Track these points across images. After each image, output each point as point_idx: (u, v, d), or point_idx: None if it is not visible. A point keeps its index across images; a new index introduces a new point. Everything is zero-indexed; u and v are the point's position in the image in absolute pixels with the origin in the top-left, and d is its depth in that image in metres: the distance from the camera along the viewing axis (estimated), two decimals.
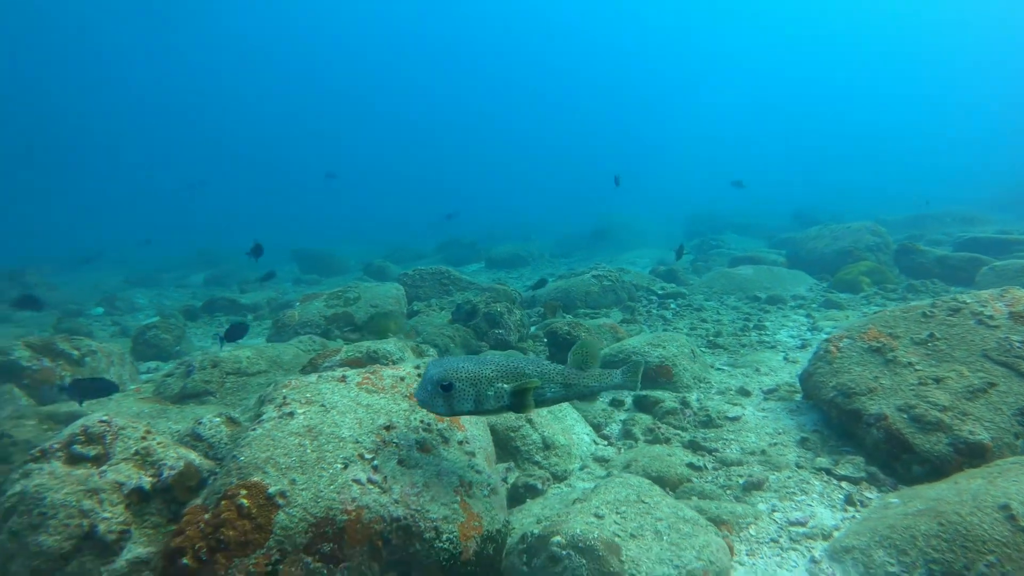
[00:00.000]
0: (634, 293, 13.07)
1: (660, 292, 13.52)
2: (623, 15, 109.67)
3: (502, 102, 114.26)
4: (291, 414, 3.97)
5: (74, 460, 4.23)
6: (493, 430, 5.29)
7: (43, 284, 19.78)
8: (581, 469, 5.54)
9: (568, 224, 33.67)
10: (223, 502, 3.45)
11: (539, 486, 5.10)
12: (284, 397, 4.15)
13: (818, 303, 11.90)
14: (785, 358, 8.43)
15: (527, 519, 4.61)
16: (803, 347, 9.00)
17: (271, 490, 3.48)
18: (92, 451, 4.27)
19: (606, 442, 6.15)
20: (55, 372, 8.00)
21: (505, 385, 3.50)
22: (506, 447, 5.42)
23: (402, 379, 4.57)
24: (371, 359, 6.75)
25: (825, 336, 9.28)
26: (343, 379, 4.42)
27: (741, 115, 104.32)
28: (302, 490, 3.52)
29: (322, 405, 4.08)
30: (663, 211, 35.81)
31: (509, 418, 5.51)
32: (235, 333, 9.28)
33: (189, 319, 15.06)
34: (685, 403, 6.67)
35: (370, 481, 3.70)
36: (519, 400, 3.49)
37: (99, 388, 6.46)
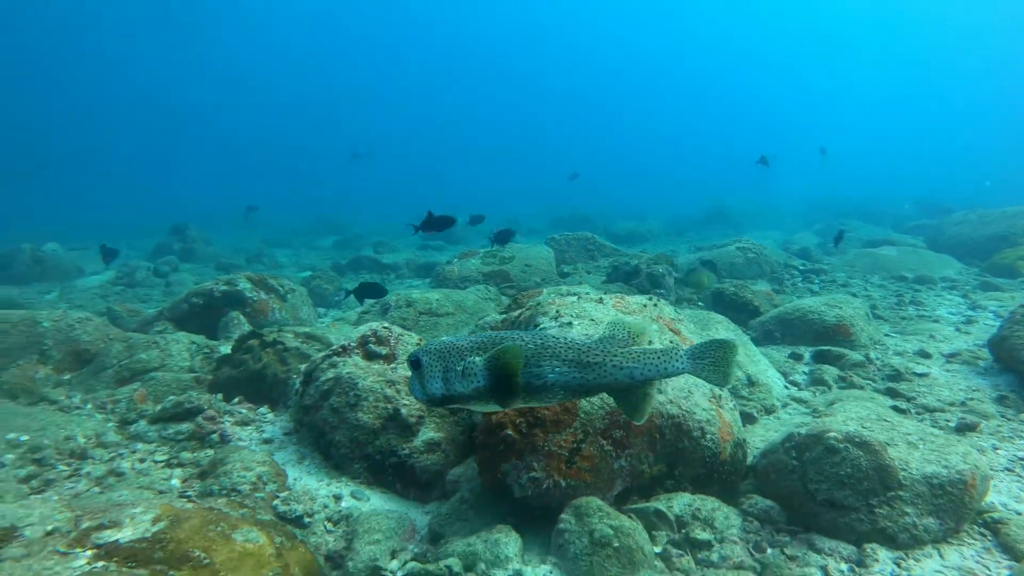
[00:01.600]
0: (775, 267, 13.19)
1: (801, 267, 13.60)
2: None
3: (613, 85, 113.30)
4: (569, 324, 4.54)
5: (370, 356, 4.96)
6: None
7: (201, 239, 21.52)
8: (784, 407, 5.93)
9: (679, 205, 33.64)
10: None
11: (754, 414, 5.54)
12: (557, 311, 4.73)
13: (972, 285, 11.72)
14: (956, 329, 8.48)
15: (755, 438, 5.06)
16: (969, 322, 8.99)
17: None
18: (383, 350, 4.99)
19: (796, 388, 6.50)
20: (268, 304, 8.97)
21: (477, 358, 2.79)
22: None
23: (644, 306, 5.08)
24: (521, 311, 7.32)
25: (991, 314, 9.28)
26: (600, 300, 4.97)
27: (860, 103, 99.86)
28: None
29: (591, 319, 4.63)
30: (777, 196, 35.14)
31: None
32: (503, 236, 10.19)
33: (338, 274, 16.15)
34: (868, 359, 6.93)
35: None
36: (499, 381, 2.72)
37: (377, 291, 7.48)
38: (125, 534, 2.58)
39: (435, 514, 4.16)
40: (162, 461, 5.21)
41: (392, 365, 4.94)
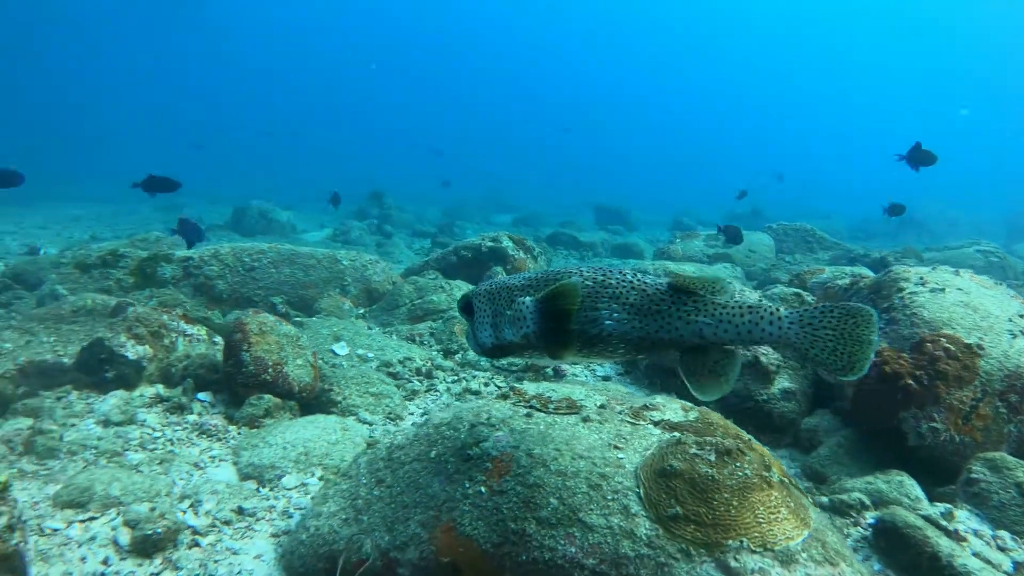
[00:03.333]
0: (1019, 274, 12.37)
1: None
2: None
3: (801, 84, 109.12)
4: (942, 290, 4.60)
5: None
6: None
7: (395, 207, 23.01)
8: None
9: (865, 207, 31.94)
10: (926, 344, 4.17)
11: None
12: (921, 277, 4.80)
13: None
14: None
15: None
16: None
17: (968, 340, 4.14)
18: None
19: None
20: (526, 262, 9.55)
21: (527, 299, 2.33)
22: None
23: (996, 283, 5.05)
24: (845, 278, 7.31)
25: None
26: (958, 273, 4.99)
27: None
28: (991, 347, 4.14)
29: (958, 288, 4.67)
30: (967, 204, 32.54)
31: None
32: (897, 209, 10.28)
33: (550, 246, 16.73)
34: None
35: None
36: (550, 325, 2.24)
37: (739, 236, 8.47)
38: (669, 416, 2.97)
39: (816, 456, 4.38)
40: (504, 385, 5.76)
41: None
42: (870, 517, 3.54)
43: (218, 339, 6.13)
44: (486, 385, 5.75)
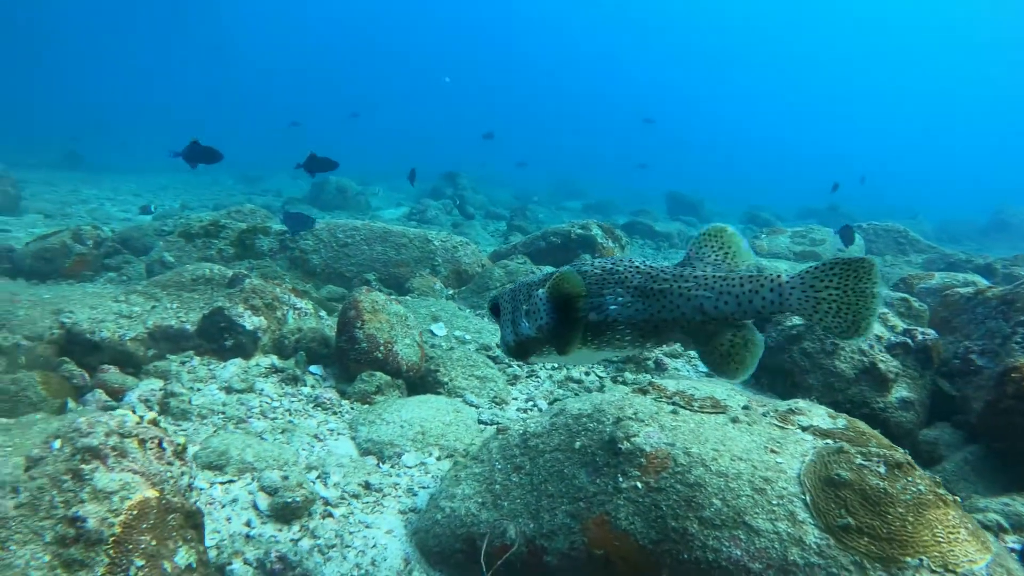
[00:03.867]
0: None
1: None
2: None
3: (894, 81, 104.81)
4: None
5: None
6: None
7: (469, 188, 23.14)
8: None
9: (951, 208, 30.64)
10: None
11: None
12: None
13: None
14: None
15: None
16: None
17: None
18: None
19: None
20: (614, 251, 9.50)
21: (541, 291, 2.27)
22: None
23: None
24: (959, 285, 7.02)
25: None
26: None
27: None
28: None
29: None
30: None
31: None
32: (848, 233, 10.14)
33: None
34: None
35: None
36: (560, 316, 2.19)
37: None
38: (817, 422, 2.91)
39: (940, 471, 4.24)
40: (605, 376, 5.76)
41: None
42: (1011, 541, 3.41)
43: (323, 313, 6.30)
44: (587, 374, 5.75)
